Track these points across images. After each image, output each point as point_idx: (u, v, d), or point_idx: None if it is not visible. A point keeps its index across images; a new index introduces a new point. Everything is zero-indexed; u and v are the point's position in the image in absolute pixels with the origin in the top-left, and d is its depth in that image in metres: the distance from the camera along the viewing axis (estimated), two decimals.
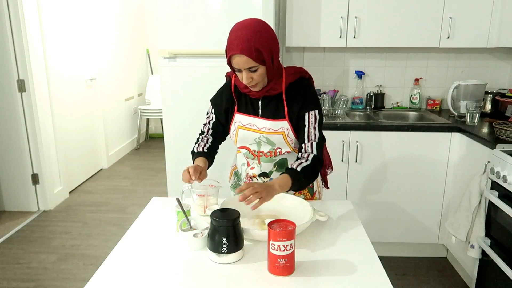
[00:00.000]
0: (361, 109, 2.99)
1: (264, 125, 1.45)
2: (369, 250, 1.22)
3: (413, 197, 2.59)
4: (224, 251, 1.13)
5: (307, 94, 1.43)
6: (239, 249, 1.15)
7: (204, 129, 1.60)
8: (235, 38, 1.28)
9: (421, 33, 2.61)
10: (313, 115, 1.43)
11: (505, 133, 2.12)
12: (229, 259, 1.14)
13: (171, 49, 2.39)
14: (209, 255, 1.16)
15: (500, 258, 1.95)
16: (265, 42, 1.28)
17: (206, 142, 1.57)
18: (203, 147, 1.55)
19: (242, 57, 1.27)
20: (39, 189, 3.46)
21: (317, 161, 1.39)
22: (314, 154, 1.40)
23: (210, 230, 1.15)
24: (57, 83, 3.66)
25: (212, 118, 1.57)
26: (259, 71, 1.32)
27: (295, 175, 1.34)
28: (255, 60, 1.28)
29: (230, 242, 1.12)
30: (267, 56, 1.30)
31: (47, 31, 3.47)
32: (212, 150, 1.57)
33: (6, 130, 3.29)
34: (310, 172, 1.37)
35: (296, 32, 2.66)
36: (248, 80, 1.33)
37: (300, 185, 1.36)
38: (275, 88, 1.41)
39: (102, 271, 1.12)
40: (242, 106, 1.50)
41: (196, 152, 1.56)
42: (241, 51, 1.26)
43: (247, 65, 1.29)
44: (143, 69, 5.81)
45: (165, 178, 2.80)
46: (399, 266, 2.64)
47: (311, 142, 1.42)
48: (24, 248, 2.85)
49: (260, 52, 1.27)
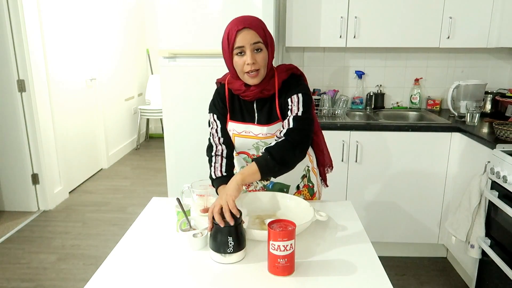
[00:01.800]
0: (361, 109, 2.99)
1: (260, 131, 1.42)
2: (369, 250, 1.22)
3: (413, 197, 2.59)
4: (230, 251, 1.12)
5: (293, 85, 1.39)
6: (242, 248, 1.15)
7: (213, 141, 1.47)
8: (239, 19, 1.30)
9: (421, 33, 2.61)
10: (295, 97, 1.36)
11: (505, 133, 2.12)
12: (233, 259, 1.14)
13: (171, 49, 2.39)
14: (212, 255, 1.16)
15: (500, 258, 1.95)
16: (266, 29, 1.33)
17: (221, 161, 1.42)
18: (220, 170, 1.41)
19: (249, 31, 1.28)
20: (39, 189, 3.46)
21: (290, 134, 1.29)
22: (288, 128, 1.31)
23: (212, 231, 1.15)
24: (57, 83, 3.66)
25: (218, 125, 1.47)
26: (262, 53, 1.31)
27: (260, 158, 1.27)
28: (261, 36, 1.30)
29: (235, 242, 1.12)
30: (270, 40, 1.33)
31: (47, 31, 3.47)
32: (230, 167, 1.44)
33: (6, 130, 3.29)
34: (280, 148, 1.27)
35: (296, 32, 2.66)
36: (252, 61, 1.29)
37: (271, 165, 1.26)
38: (268, 88, 1.38)
39: (102, 271, 1.12)
40: (236, 113, 1.45)
41: (215, 178, 1.41)
42: (250, 24, 1.28)
43: (254, 39, 1.29)
44: (143, 69, 5.81)
45: (165, 178, 2.80)
46: (399, 266, 2.64)
47: (289, 118, 1.33)
48: (24, 248, 2.85)
49: (265, 32, 1.31)
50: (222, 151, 1.45)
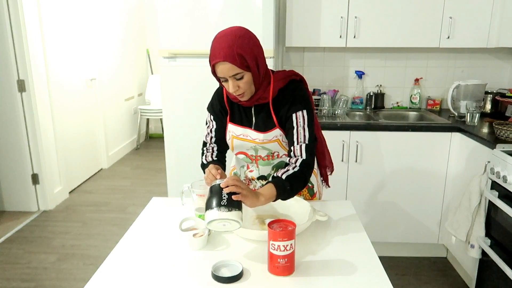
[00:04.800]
0: (361, 109, 2.99)
1: (257, 137, 1.42)
2: (369, 250, 1.22)
3: (413, 197, 2.59)
4: (224, 203, 1.09)
5: (294, 95, 1.38)
6: (238, 206, 1.11)
7: (206, 139, 1.55)
8: (216, 46, 1.25)
9: (421, 33, 2.61)
10: (301, 116, 1.36)
11: (505, 133, 2.12)
12: (229, 215, 1.08)
13: (171, 49, 2.39)
14: (208, 215, 1.10)
15: (500, 258, 1.95)
16: (247, 48, 1.25)
17: (212, 152, 1.51)
18: (211, 157, 1.49)
19: (226, 64, 1.23)
20: (39, 189, 3.46)
21: (305, 167, 1.31)
22: (303, 159, 1.32)
23: (208, 194, 1.13)
24: (57, 83, 3.66)
25: (213, 126, 1.51)
26: (244, 78, 1.28)
27: (280, 185, 1.25)
28: (239, 66, 1.24)
29: (229, 196, 1.10)
30: (251, 61, 1.26)
31: (47, 31, 3.47)
32: (221, 157, 1.52)
33: (6, 130, 3.29)
34: (297, 179, 1.28)
35: (296, 32, 2.66)
36: (235, 89, 1.29)
37: (287, 194, 1.27)
38: (264, 97, 1.37)
39: (102, 271, 1.12)
40: (235, 116, 1.46)
41: (206, 163, 1.48)
42: (224, 57, 1.22)
43: (232, 72, 1.25)
44: (143, 69, 5.81)
45: (165, 178, 2.80)
46: (399, 266, 2.64)
47: (300, 145, 1.34)
48: (24, 248, 2.85)
49: (243, 57, 1.24)
50: (213, 148, 1.53)
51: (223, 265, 1.11)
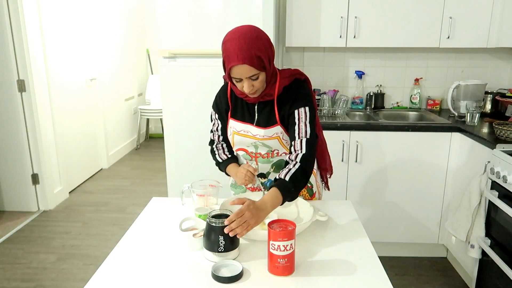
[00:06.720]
0: (361, 109, 2.99)
1: (258, 133, 1.43)
2: (369, 250, 1.22)
3: (413, 197, 2.59)
4: (221, 249, 1.12)
5: (297, 93, 1.40)
6: (235, 247, 1.15)
7: (214, 137, 1.59)
8: (233, 48, 1.23)
9: (421, 33, 2.61)
10: (303, 112, 1.37)
11: (505, 133, 2.12)
12: (225, 258, 1.14)
13: (171, 49, 2.39)
14: (205, 254, 1.16)
15: (500, 258, 1.95)
16: (263, 49, 1.26)
17: (223, 148, 1.58)
18: (224, 153, 1.57)
19: (244, 67, 1.24)
20: (39, 189, 3.46)
21: (306, 162, 1.31)
22: (303, 153, 1.33)
23: (206, 230, 1.15)
24: (57, 83, 3.66)
25: (219, 124, 1.56)
26: (260, 78, 1.29)
27: (285, 188, 1.25)
28: (256, 68, 1.25)
29: (227, 241, 1.12)
30: (267, 62, 1.28)
31: (47, 31, 3.47)
32: (233, 153, 1.58)
33: (6, 130, 3.29)
34: (300, 177, 1.29)
35: (296, 32, 2.66)
36: (250, 89, 1.30)
37: (292, 196, 1.28)
38: (269, 93, 1.38)
39: (102, 271, 1.12)
40: (237, 112, 1.47)
41: (222, 161, 1.56)
42: (243, 60, 1.22)
43: (249, 73, 1.26)
44: (143, 69, 5.81)
45: (165, 178, 2.80)
46: (399, 266, 2.64)
47: (301, 139, 1.35)
48: (24, 248, 2.85)
49: (260, 59, 1.25)
50: (223, 145, 1.59)
51: (223, 265, 1.11)
